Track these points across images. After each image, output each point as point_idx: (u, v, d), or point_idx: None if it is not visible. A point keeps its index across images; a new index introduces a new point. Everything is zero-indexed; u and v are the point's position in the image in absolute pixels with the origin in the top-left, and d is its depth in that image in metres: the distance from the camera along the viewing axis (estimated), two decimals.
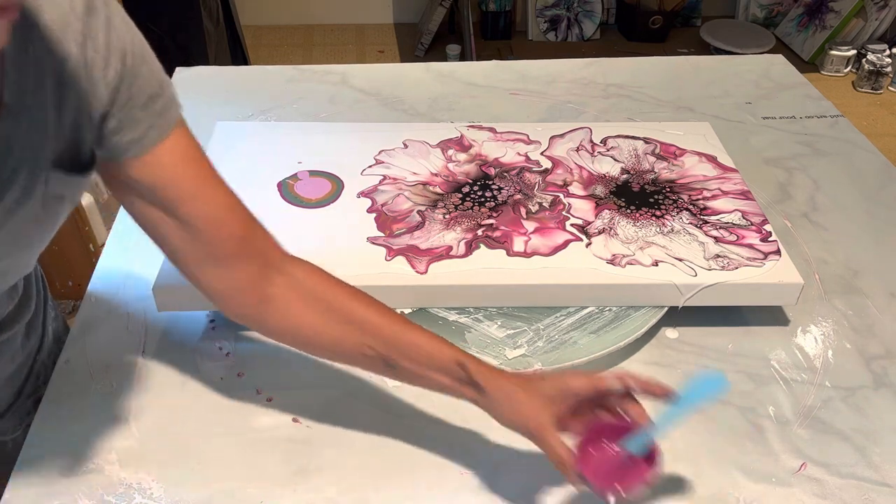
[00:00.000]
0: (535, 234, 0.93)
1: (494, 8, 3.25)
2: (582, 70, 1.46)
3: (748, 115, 1.33)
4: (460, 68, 1.46)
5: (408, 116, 1.30)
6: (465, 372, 0.66)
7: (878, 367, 0.87)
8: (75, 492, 0.72)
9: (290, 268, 0.70)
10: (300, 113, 1.29)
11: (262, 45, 3.36)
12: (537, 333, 0.85)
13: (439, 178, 1.02)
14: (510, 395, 0.66)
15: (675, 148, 1.10)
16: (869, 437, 0.79)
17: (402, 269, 0.87)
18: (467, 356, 0.67)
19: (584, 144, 1.10)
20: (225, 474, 0.74)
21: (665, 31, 3.31)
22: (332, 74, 1.42)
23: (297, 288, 0.69)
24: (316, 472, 0.75)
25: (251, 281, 0.67)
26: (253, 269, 0.67)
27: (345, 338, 0.68)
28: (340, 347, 0.69)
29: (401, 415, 0.81)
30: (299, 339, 0.71)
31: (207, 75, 1.40)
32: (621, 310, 0.88)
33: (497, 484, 0.74)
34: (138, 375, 0.84)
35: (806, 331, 0.92)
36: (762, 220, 0.96)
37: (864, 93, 3.09)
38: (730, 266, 0.88)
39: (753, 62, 1.52)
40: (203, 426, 0.79)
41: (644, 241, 0.92)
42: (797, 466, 0.76)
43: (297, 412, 0.80)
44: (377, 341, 0.68)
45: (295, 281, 0.69)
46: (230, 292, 0.68)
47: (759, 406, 0.82)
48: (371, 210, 0.96)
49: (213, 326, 0.89)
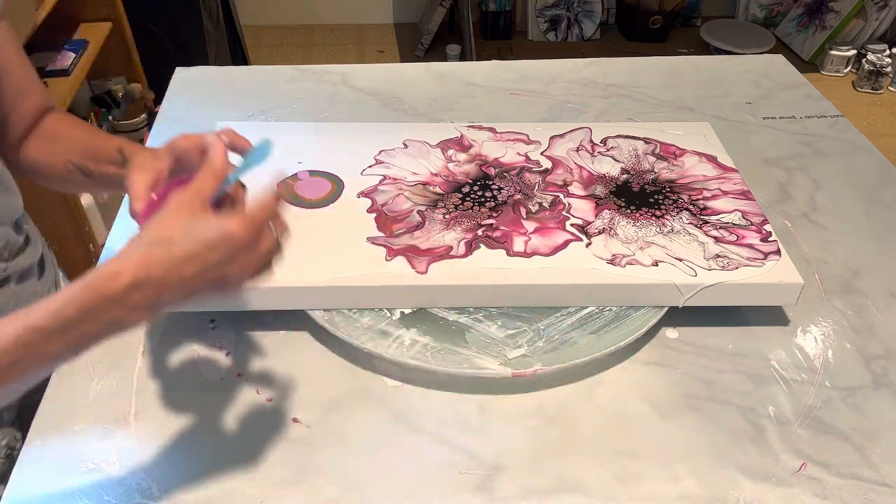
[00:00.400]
0: (535, 234, 0.93)
1: (494, 8, 3.26)
2: (582, 70, 1.46)
3: (748, 115, 1.33)
4: (460, 68, 1.46)
5: (408, 116, 1.30)
6: (122, 155, 0.76)
7: (878, 367, 0.87)
8: (75, 492, 0.72)
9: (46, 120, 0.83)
10: (300, 113, 1.29)
11: (262, 45, 3.36)
12: (537, 333, 0.85)
13: (439, 178, 1.02)
14: (137, 152, 0.76)
15: (675, 148, 1.10)
16: (869, 437, 0.79)
17: (402, 269, 0.87)
18: (129, 143, 0.78)
19: (584, 144, 1.10)
20: (224, 474, 0.74)
21: (665, 31, 3.31)
22: (331, 74, 1.42)
23: (41, 133, 0.83)
24: (316, 472, 0.75)
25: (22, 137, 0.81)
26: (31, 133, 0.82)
27: (55, 160, 0.80)
28: (55, 170, 0.81)
29: (401, 415, 0.81)
30: (38, 174, 0.84)
31: (207, 75, 1.40)
32: (621, 310, 0.88)
33: (497, 484, 0.74)
34: (138, 375, 0.84)
35: (806, 331, 0.92)
36: (762, 220, 0.96)
37: (864, 93, 3.09)
38: (730, 266, 0.88)
39: (753, 62, 1.52)
40: (203, 426, 0.79)
41: (644, 241, 0.92)
42: (797, 466, 0.76)
43: (297, 412, 0.80)
44: (74, 153, 0.79)
45: (42, 127, 0.83)
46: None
47: (759, 406, 0.82)
48: (371, 210, 0.96)
49: (213, 326, 0.90)
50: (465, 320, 0.87)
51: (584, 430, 0.80)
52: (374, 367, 0.86)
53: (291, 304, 0.86)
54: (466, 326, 0.86)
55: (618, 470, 0.76)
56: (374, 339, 0.83)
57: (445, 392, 0.83)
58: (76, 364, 0.85)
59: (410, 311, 0.87)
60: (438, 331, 0.85)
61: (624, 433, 0.79)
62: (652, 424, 0.80)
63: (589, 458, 0.77)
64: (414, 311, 0.87)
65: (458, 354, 0.82)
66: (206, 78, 1.39)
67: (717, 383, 0.85)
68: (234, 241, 0.56)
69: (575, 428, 0.80)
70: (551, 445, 0.78)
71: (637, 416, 0.81)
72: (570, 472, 0.75)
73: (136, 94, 2.35)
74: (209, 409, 0.80)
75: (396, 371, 0.85)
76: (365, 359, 0.86)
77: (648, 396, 0.83)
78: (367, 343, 0.83)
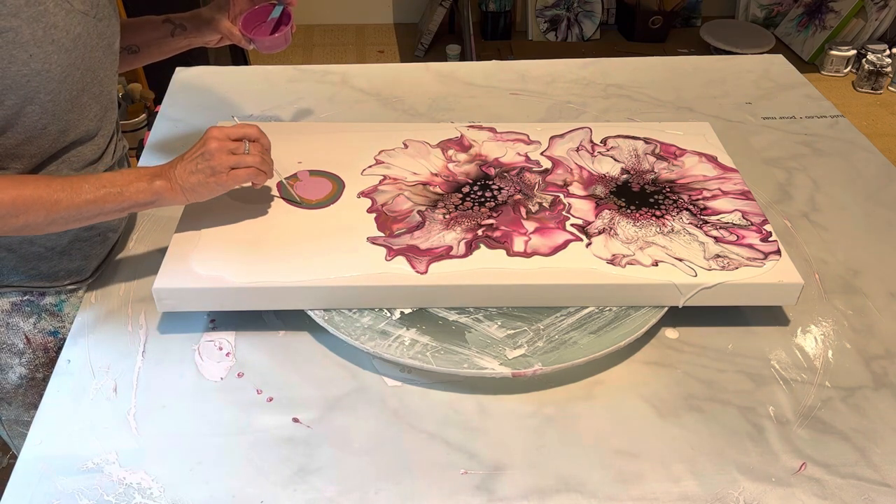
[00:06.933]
0: (535, 234, 0.93)
1: (494, 8, 3.25)
2: (582, 70, 1.46)
3: (748, 115, 1.33)
4: (460, 68, 1.46)
5: (408, 116, 1.30)
6: (171, 24, 1.02)
7: (878, 367, 0.87)
8: (75, 492, 0.72)
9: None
10: (300, 113, 1.30)
11: None
12: (537, 333, 0.85)
13: (439, 178, 1.02)
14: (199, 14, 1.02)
15: (675, 148, 1.10)
16: (869, 437, 0.79)
17: (402, 269, 0.87)
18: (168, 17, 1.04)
19: (584, 144, 1.10)
20: (225, 474, 0.74)
21: (665, 31, 3.31)
22: (332, 74, 1.42)
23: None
24: (316, 472, 0.75)
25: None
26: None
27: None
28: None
29: (401, 415, 0.81)
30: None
31: (207, 75, 1.40)
32: (621, 310, 0.88)
33: (497, 484, 0.74)
34: (138, 375, 0.84)
35: (806, 331, 0.92)
36: (762, 220, 0.96)
37: (864, 93, 3.09)
38: (730, 266, 0.88)
39: (753, 62, 1.52)
40: (203, 426, 0.79)
41: (644, 241, 0.92)
42: (797, 466, 0.76)
43: (297, 412, 0.80)
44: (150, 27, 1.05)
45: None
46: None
47: (759, 406, 0.82)
48: (371, 210, 0.96)
49: (213, 326, 0.90)
50: (465, 320, 0.87)
51: (584, 430, 0.80)
52: (374, 367, 0.86)
53: (291, 304, 0.86)
54: (466, 326, 0.86)
55: (618, 470, 0.76)
56: (374, 339, 0.83)
57: (445, 392, 0.83)
58: (76, 364, 0.85)
59: (410, 311, 0.87)
60: (438, 331, 0.85)
61: (624, 433, 0.79)
62: (652, 424, 0.80)
63: (589, 458, 0.77)
64: (414, 311, 0.87)
65: (458, 354, 0.82)
66: (206, 78, 1.39)
67: (717, 383, 0.85)
68: (209, 137, 0.84)
69: (575, 428, 0.80)
70: (551, 445, 0.78)
71: (637, 416, 0.81)
72: (570, 472, 0.75)
73: (136, 94, 2.35)
74: (209, 409, 0.80)
75: (396, 371, 0.85)
76: (365, 359, 0.86)
77: (648, 396, 0.83)
78: (367, 343, 0.83)
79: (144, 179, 0.83)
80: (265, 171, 0.87)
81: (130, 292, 0.94)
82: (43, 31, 0.76)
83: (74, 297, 0.95)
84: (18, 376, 0.95)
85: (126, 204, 0.82)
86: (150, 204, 0.84)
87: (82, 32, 0.81)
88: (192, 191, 0.84)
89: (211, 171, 0.83)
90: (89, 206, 0.80)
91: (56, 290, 0.94)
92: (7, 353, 0.93)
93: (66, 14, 0.78)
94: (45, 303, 0.94)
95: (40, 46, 0.76)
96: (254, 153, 0.86)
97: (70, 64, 0.80)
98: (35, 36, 0.75)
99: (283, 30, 1.02)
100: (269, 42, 1.01)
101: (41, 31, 0.76)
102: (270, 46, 1.01)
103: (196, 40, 1.04)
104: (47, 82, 0.78)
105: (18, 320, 0.92)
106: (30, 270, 0.90)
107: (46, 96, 0.79)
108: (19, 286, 0.91)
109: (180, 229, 0.91)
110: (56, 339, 0.95)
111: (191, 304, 0.86)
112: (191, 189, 0.84)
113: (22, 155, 0.82)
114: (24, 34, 0.74)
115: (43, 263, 0.90)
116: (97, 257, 0.95)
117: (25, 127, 0.80)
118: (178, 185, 0.83)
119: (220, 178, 0.83)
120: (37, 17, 0.75)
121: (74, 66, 0.81)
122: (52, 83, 0.78)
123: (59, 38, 0.78)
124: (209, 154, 0.83)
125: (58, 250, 0.90)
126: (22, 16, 0.74)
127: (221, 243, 0.89)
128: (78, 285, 0.94)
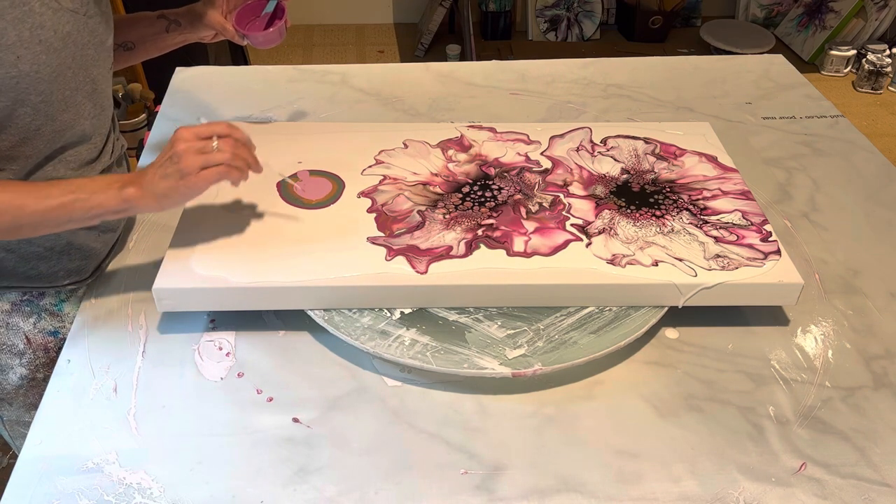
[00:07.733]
0: (535, 234, 0.93)
1: (494, 8, 3.25)
2: (582, 70, 1.46)
3: (748, 115, 1.33)
4: (460, 68, 1.46)
5: (408, 116, 1.30)
6: (166, 19, 1.02)
7: (878, 367, 0.87)
8: (75, 492, 0.72)
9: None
10: (300, 113, 1.30)
11: None
12: (537, 333, 0.85)
13: (439, 178, 1.02)
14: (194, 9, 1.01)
15: (675, 148, 1.10)
16: (869, 437, 0.79)
17: (402, 269, 0.87)
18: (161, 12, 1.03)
19: (584, 144, 1.10)
20: (225, 474, 0.74)
21: (665, 31, 3.31)
22: (332, 74, 1.42)
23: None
24: (316, 472, 0.75)
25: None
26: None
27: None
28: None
29: (401, 415, 0.81)
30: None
31: (207, 75, 1.40)
32: (621, 310, 0.88)
33: (497, 484, 0.74)
34: (138, 375, 0.84)
35: (806, 331, 0.92)
36: (762, 220, 0.96)
37: (864, 93, 3.09)
38: (730, 266, 0.88)
39: (753, 62, 1.52)
40: (203, 426, 0.79)
41: (644, 241, 0.92)
42: (797, 466, 0.76)
43: (297, 412, 0.80)
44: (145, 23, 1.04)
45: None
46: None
47: (759, 406, 0.82)
48: (371, 210, 0.96)
49: (213, 326, 0.90)
50: (465, 320, 0.87)
51: (584, 430, 0.80)
52: (374, 367, 0.86)
53: (291, 304, 0.86)
54: (466, 326, 0.86)
55: (618, 470, 0.76)
56: (374, 339, 0.83)
57: (445, 392, 0.83)
58: (76, 364, 0.85)
59: (410, 311, 0.87)
60: (438, 331, 0.85)
61: (624, 433, 0.79)
62: (652, 424, 0.80)
63: (589, 458, 0.77)
64: (414, 311, 0.87)
65: (458, 354, 0.82)
66: (206, 78, 1.39)
67: (717, 383, 0.85)
68: (176, 139, 0.80)
69: (575, 428, 0.80)
70: (551, 445, 0.78)
71: (637, 416, 0.81)
72: (570, 472, 0.75)
73: (136, 94, 2.35)
74: (209, 409, 0.80)
75: (396, 371, 0.85)
76: (365, 359, 0.86)
77: (648, 396, 0.83)
78: (367, 343, 0.83)
79: (115, 186, 0.79)
80: (238, 166, 0.81)
81: (130, 292, 0.94)
82: (29, 31, 0.75)
83: (74, 296, 0.95)
84: (19, 377, 0.95)
85: (95, 211, 0.78)
86: (122, 212, 0.80)
87: (72, 31, 0.80)
88: (166, 196, 0.79)
89: (180, 175, 0.78)
90: (56, 211, 0.77)
91: (56, 290, 0.94)
92: (7, 353, 0.93)
93: (53, 13, 0.78)
94: (45, 303, 0.94)
95: (28, 48, 0.75)
96: (224, 149, 0.80)
97: (60, 63, 0.79)
98: (21, 37, 0.74)
99: (277, 24, 1.02)
100: (263, 37, 1.01)
101: (27, 31, 0.75)
102: (264, 41, 1.02)
103: (191, 36, 1.03)
104: (37, 83, 0.77)
105: (18, 320, 0.92)
106: (29, 270, 0.90)
107: (38, 97, 0.78)
108: (19, 286, 0.91)
109: (180, 229, 0.91)
110: (56, 339, 0.95)
111: (191, 304, 0.86)
112: (163, 195, 0.79)
113: (17, 157, 0.82)
114: (10, 36, 0.73)
115: (42, 263, 0.90)
116: (97, 257, 0.95)
117: (19, 129, 0.79)
118: (150, 192, 0.79)
119: (188, 180, 0.79)
120: (22, 18, 0.74)
121: (65, 66, 0.80)
122: (42, 84, 0.78)
123: (47, 38, 0.77)
124: (177, 157, 0.79)
125: (57, 250, 0.90)
126: (6, 17, 0.73)
127: (221, 243, 0.89)
128: (77, 285, 0.94)
